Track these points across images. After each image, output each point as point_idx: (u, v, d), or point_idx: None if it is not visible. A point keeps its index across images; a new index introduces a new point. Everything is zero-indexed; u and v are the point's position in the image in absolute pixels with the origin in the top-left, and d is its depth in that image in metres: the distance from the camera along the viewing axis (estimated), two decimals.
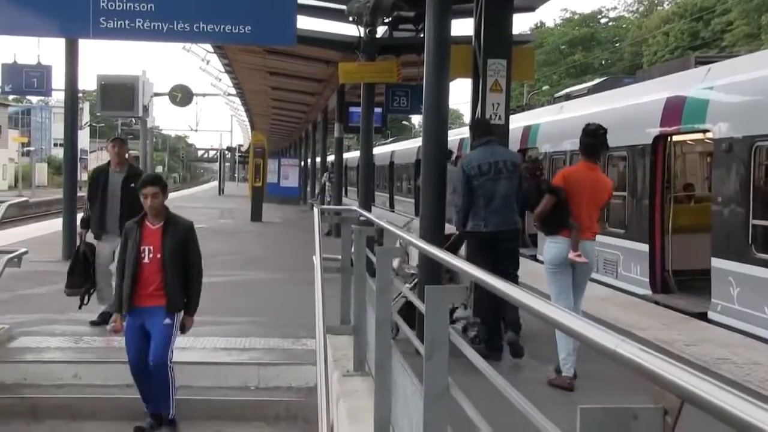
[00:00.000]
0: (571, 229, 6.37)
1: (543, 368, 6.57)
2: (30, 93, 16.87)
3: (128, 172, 8.42)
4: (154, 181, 6.39)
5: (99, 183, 8.46)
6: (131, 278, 6.11)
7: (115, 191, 8.30)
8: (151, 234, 6.25)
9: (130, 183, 8.03)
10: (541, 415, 2.11)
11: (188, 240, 6.39)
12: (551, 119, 16.36)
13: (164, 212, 6.35)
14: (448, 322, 3.09)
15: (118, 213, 8.18)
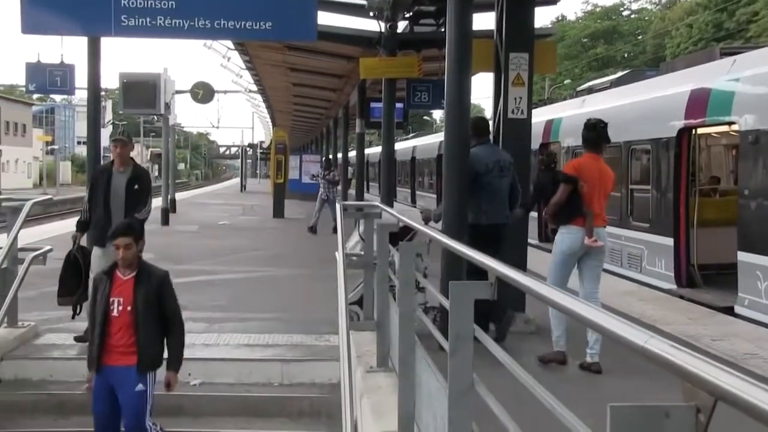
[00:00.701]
0: (585, 218, 6.75)
1: (569, 363, 6.53)
2: (53, 91, 16.96)
3: (133, 172, 7.77)
4: (127, 230, 5.71)
5: (101, 184, 7.74)
6: (100, 333, 5.49)
7: (119, 193, 7.66)
8: (121, 285, 5.60)
9: (134, 185, 7.67)
10: (568, 411, 2.08)
11: (163, 291, 5.69)
12: (574, 113, 16.23)
13: (137, 262, 5.69)
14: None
15: (123, 216, 7.51)
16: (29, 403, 6.83)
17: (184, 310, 9.32)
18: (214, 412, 6.78)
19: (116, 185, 7.67)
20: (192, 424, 6.66)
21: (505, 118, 8.72)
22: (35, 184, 72.69)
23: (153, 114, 28.75)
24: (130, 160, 7.85)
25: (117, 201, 7.64)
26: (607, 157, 13.99)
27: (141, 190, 7.74)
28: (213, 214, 27.30)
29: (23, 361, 7.21)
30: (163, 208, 23.02)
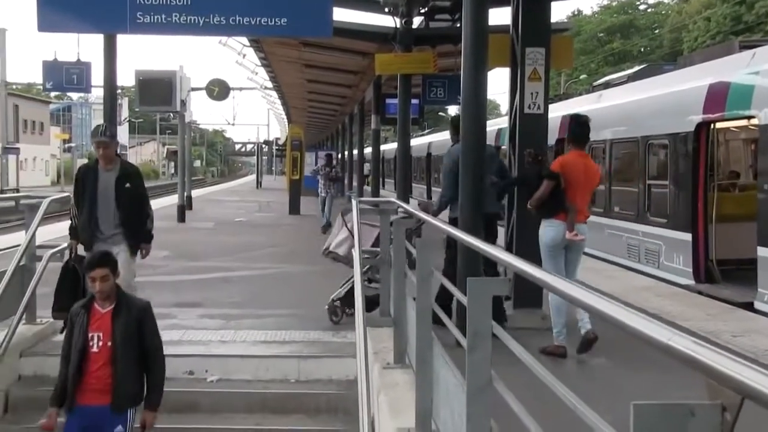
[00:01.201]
0: (566, 213, 7.12)
1: (586, 360, 6.49)
2: (70, 89, 17.10)
3: (122, 170, 7.23)
4: (103, 261, 5.33)
5: (87, 183, 7.17)
6: (76, 370, 5.13)
7: (108, 191, 7.11)
8: (100, 318, 5.26)
9: (125, 182, 7.15)
10: (589, 409, 2.06)
11: (143, 323, 5.35)
12: (590, 108, 16.12)
13: (116, 293, 5.35)
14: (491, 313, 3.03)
15: (114, 215, 7.12)
16: (48, 399, 6.85)
17: (199, 307, 9.40)
18: (231, 409, 6.79)
19: (104, 185, 7.13)
20: (209, 421, 6.67)
21: (521, 114, 8.67)
22: (53, 181, 73.17)
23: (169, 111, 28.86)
24: (116, 158, 7.33)
25: (105, 201, 7.11)
26: (625, 152, 13.99)
27: (135, 190, 7.26)
28: (229, 211, 27.36)
29: (42, 357, 7.23)
30: (180, 205, 23.10)
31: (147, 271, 12.02)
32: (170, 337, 7.92)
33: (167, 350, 7.43)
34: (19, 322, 6.77)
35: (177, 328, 8.34)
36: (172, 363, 7.22)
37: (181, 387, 7.01)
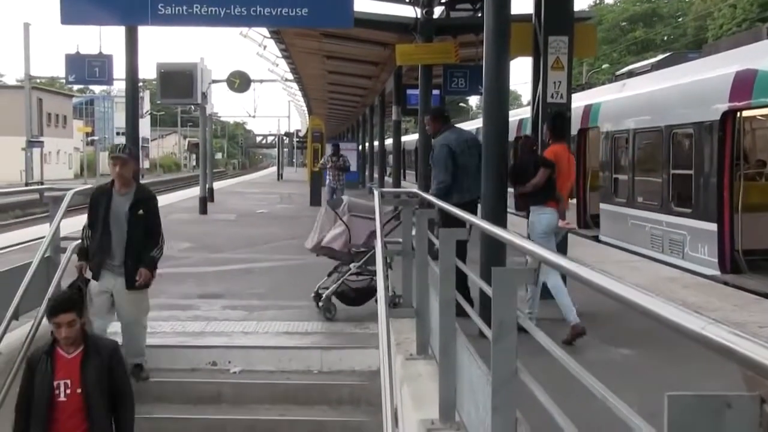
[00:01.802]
0: (557, 201, 7.46)
1: (610, 350, 6.44)
2: (92, 82, 17.16)
3: (136, 195, 6.77)
4: (68, 304, 4.92)
5: (100, 207, 6.74)
6: (42, 424, 4.77)
7: (120, 219, 6.68)
8: (67, 365, 4.86)
9: (138, 209, 6.69)
10: (617, 399, 2.02)
11: (114, 367, 5.01)
12: (613, 97, 16.02)
13: (82, 337, 4.98)
14: (516, 304, 3.00)
15: (123, 246, 6.67)
16: None
17: (222, 299, 9.42)
18: (254, 400, 6.80)
19: (117, 209, 6.70)
20: (231, 411, 6.69)
21: (544, 103, 8.61)
22: (76, 174, 73.70)
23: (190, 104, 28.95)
24: (131, 181, 6.82)
25: (118, 228, 6.69)
26: (648, 141, 13.86)
27: (148, 219, 6.77)
28: (250, 203, 27.43)
29: None
30: (201, 197, 23.18)
31: (170, 263, 12.08)
32: (193, 328, 7.97)
33: (191, 341, 7.52)
34: (44, 313, 6.79)
35: (200, 319, 8.37)
36: (196, 354, 7.29)
37: (204, 378, 7.05)
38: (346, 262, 8.44)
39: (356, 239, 8.39)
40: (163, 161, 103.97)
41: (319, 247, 8.49)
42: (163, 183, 65.57)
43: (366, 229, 8.41)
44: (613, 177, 15.33)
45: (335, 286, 8.28)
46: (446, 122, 8.61)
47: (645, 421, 1.79)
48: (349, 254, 8.38)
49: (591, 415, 2.89)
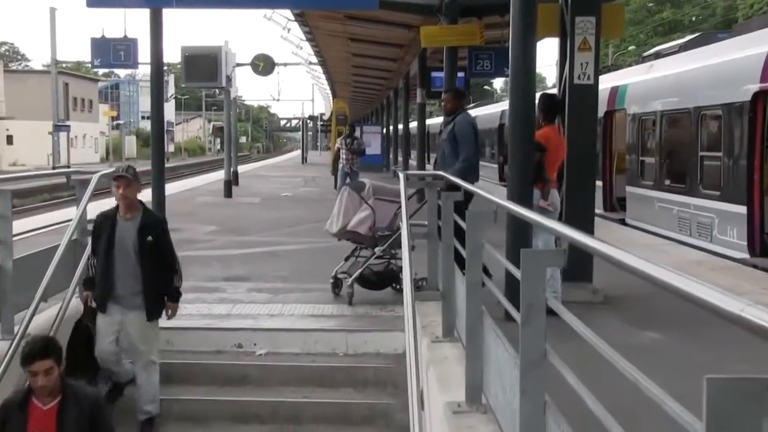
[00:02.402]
0: (544, 183, 7.54)
1: (638, 333, 6.39)
2: (118, 66, 17.22)
3: (144, 218, 6.23)
4: (44, 352, 4.44)
5: (104, 233, 6.20)
6: None
7: (126, 245, 6.15)
8: (41, 417, 4.43)
9: (147, 236, 6.14)
10: (650, 382, 1.98)
11: (96, 419, 4.57)
12: (640, 79, 15.83)
13: (60, 386, 4.50)
14: (544, 286, 2.97)
15: (134, 274, 6.17)
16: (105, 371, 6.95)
17: (247, 281, 9.45)
18: (280, 382, 6.83)
19: (122, 236, 6.16)
20: (258, 393, 6.72)
21: (571, 84, 8.50)
22: (102, 158, 74.20)
23: (214, 87, 29.00)
24: (137, 204, 6.28)
25: (123, 256, 6.15)
26: (676, 123, 13.69)
27: (160, 245, 6.24)
28: (275, 186, 27.49)
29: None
30: (226, 181, 23.27)
31: (196, 246, 12.15)
32: (219, 311, 8.01)
33: (217, 324, 7.55)
34: (72, 295, 6.85)
35: (225, 302, 8.41)
36: (222, 336, 7.32)
37: (230, 360, 7.09)
38: (369, 246, 8.42)
39: (380, 222, 8.37)
40: (187, 145, 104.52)
41: (344, 232, 8.45)
42: (188, 167, 65.86)
43: (389, 213, 8.39)
44: (640, 160, 15.17)
45: (360, 271, 8.26)
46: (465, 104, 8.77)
47: (680, 405, 1.75)
48: (373, 238, 8.36)
49: (621, 398, 2.86)
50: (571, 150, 8.42)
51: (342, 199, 8.53)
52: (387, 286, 8.47)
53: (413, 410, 4.14)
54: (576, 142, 8.41)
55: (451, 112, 8.71)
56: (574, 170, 8.41)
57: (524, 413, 2.97)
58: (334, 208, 8.63)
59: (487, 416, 4.28)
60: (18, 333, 5.76)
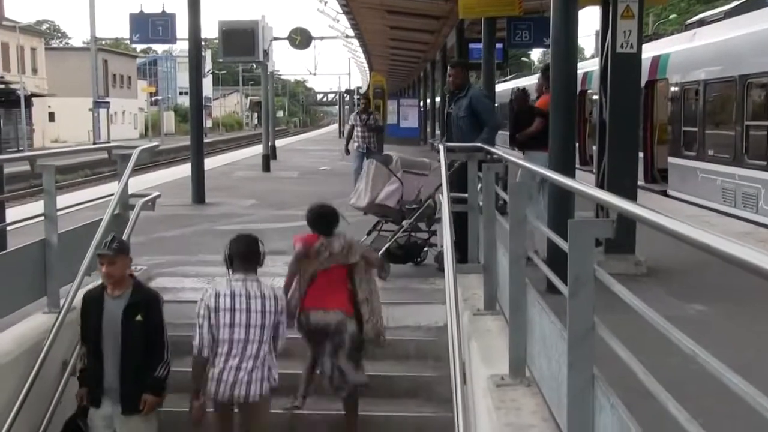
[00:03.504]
0: None
1: (683, 306, 6.29)
2: (156, 41, 17.34)
3: (134, 296, 5.34)
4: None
5: (91, 316, 5.38)
6: None
7: (115, 328, 5.27)
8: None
9: (136, 314, 5.28)
10: (707, 353, 1.93)
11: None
12: (683, 47, 15.51)
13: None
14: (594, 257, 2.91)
15: (118, 364, 5.29)
16: None
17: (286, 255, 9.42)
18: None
19: (110, 317, 5.30)
20: (299, 366, 6.73)
21: (613, 53, 8.34)
22: (141, 134, 74.97)
23: (252, 61, 29.04)
24: (126, 279, 5.39)
25: (113, 340, 5.30)
26: (720, 92, 13.40)
27: (148, 326, 5.33)
28: (313, 160, 27.53)
29: None
30: (264, 155, 23.37)
31: (234, 220, 12.20)
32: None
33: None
34: None
35: (266, 275, 8.38)
36: None
37: None
38: (396, 219, 8.36)
39: (407, 196, 8.32)
40: (225, 120, 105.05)
41: (372, 205, 8.37)
42: (226, 141, 66.27)
43: (416, 186, 8.34)
44: (682, 130, 14.91)
45: (389, 244, 8.21)
46: None
47: (741, 377, 1.70)
48: (400, 211, 8.30)
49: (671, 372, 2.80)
50: (614, 120, 8.29)
51: (369, 173, 8.42)
52: (411, 260, 8.44)
53: (455, 383, 4.12)
54: (618, 113, 8.28)
55: (460, 86, 8.57)
56: (616, 141, 8.28)
57: (572, 386, 2.93)
58: (360, 183, 8.56)
59: (531, 389, 4.25)
60: (63, 306, 5.83)
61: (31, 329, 5.88)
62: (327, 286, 5.96)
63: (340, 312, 5.90)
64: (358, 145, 16.10)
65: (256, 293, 5.37)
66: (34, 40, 62.37)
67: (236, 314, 5.33)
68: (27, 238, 6.65)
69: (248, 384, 5.30)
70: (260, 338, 5.33)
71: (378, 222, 8.62)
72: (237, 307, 5.33)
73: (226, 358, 5.30)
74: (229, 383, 5.29)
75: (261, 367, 5.34)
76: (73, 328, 5.96)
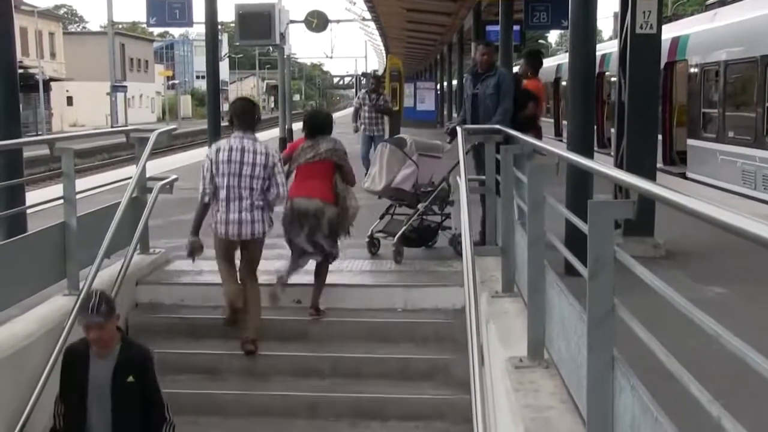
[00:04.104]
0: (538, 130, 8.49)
1: (703, 288, 6.26)
2: (173, 24, 17.37)
3: (121, 355, 4.73)
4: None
5: (75, 375, 4.79)
6: None
7: (102, 389, 4.69)
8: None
9: (126, 375, 4.69)
10: (731, 335, 1.91)
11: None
12: (703, 28, 15.35)
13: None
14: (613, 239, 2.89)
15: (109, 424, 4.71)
16: (164, 325, 7.09)
17: None
18: (340, 337, 6.85)
19: (97, 376, 4.71)
20: (318, 349, 6.76)
21: (632, 34, 8.26)
22: (158, 118, 75.12)
23: (268, 44, 29.01)
24: (115, 334, 4.76)
25: (100, 403, 4.71)
26: (741, 73, 13.26)
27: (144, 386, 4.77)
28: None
29: (156, 286, 7.47)
30: (281, 138, 23.36)
31: None
32: (278, 267, 8.03)
33: (275, 280, 7.57)
34: (134, 252, 6.95)
35: (283, 258, 8.40)
36: (281, 292, 7.35)
37: (289, 316, 7.13)
38: (411, 202, 8.34)
39: (422, 179, 8.29)
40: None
41: (388, 189, 8.31)
42: None
43: (430, 169, 8.31)
44: (702, 112, 14.77)
45: (405, 228, 8.17)
46: None
47: (765, 358, 1.69)
48: (415, 195, 8.27)
49: (691, 353, 2.79)
50: (633, 102, 8.23)
51: (383, 156, 8.34)
52: (425, 244, 8.42)
53: (473, 365, 4.12)
54: (638, 94, 8.22)
55: (490, 65, 8.47)
56: (635, 123, 8.22)
57: (592, 368, 2.92)
58: (374, 167, 8.50)
59: (550, 371, 4.24)
60: (83, 288, 5.88)
61: (51, 311, 5.93)
62: (311, 178, 6.95)
63: (319, 200, 6.87)
64: (365, 127, 14.83)
65: (250, 148, 6.38)
66: (52, 25, 62.57)
67: (231, 165, 6.35)
68: (46, 221, 6.70)
69: (247, 225, 6.39)
70: (251, 186, 6.34)
71: (391, 205, 8.60)
72: (233, 159, 6.36)
73: (225, 203, 6.37)
74: (233, 225, 6.37)
75: (254, 212, 6.39)
76: None
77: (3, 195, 7.52)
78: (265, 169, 6.37)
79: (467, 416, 4.07)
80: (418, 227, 8.33)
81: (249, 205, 6.36)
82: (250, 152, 6.37)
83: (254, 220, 6.41)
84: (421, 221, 8.36)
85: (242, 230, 6.41)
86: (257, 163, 6.35)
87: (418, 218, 8.30)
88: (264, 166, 6.36)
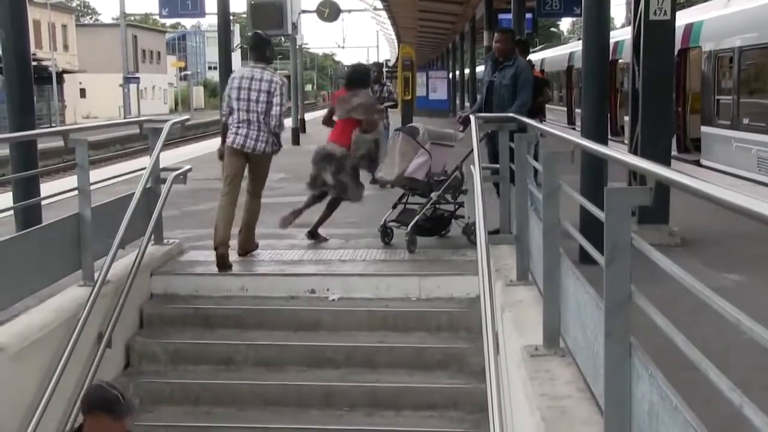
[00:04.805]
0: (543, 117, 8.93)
1: (719, 276, 6.23)
2: (185, 15, 17.36)
3: None
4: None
5: None
6: None
7: None
8: None
9: None
10: (753, 321, 1.89)
11: None
12: (717, 14, 15.22)
13: None
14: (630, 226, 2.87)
15: None
16: (178, 316, 7.11)
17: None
18: (353, 326, 6.85)
19: None
20: (331, 338, 6.77)
21: (646, 20, 8.20)
22: (171, 109, 75.25)
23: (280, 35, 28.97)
24: None
25: None
26: (756, 59, 13.15)
27: None
28: None
29: (171, 276, 7.48)
30: (293, 129, 23.38)
31: (266, 193, 12.17)
32: (291, 257, 8.06)
33: (289, 269, 7.59)
34: (148, 242, 6.97)
35: (297, 248, 8.45)
36: (294, 282, 7.37)
37: (303, 305, 7.14)
38: (424, 191, 8.30)
39: (435, 168, 8.24)
40: None
41: (401, 178, 8.27)
42: None
43: (443, 157, 8.27)
44: (716, 99, 14.66)
45: (419, 216, 8.13)
46: None
47: None
48: (428, 183, 8.24)
49: (710, 341, 2.77)
50: (647, 89, 8.18)
51: (397, 145, 8.31)
52: (438, 233, 8.40)
53: (488, 354, 4.11)
54: (652, 81, 8.15)
55: (508, 54, 8.36)
56: (649, 110, 8.17)
57: (609, 356, 2.90)
58: (386, 156, 8.46)
59: (566, 359, 4.23)
60: (98, 279, 5.90)
61: (67, 302, 5.95)
62: (342, 130, 8.46)
63: (345, 148, 8.29)
64: None
65: (259, 77, 7.41)
66: (64, 17, 62.69)
67: (242, 91, 7.41)
68: (61, 212, 6.72)
69: (252, 140, 7.45)
70: (257, 110, 7.38)
71: (403, 195, 8.57)
72: (244, 86, 7.41)
73: (237, 122, 7.44)
74: (240, 137, 7.45)
75: (260, 132, 7.44)
76: (108, 301, 6.05)
77: (18, 186, 7.55)
78: (268, 95, 7.37)
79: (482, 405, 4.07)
80: (431, 216, 8.30)
81: (256, 127, 7.41)
82: (257, 80, 7.40)
83: (258, 139, 7.45)
84: (435, 210, 8.33)
85: (246, 143, 7.43)
86: (262, 89, 7.38)
87: (432, 207, 8.27)
88: (267, 92, 7.37)
